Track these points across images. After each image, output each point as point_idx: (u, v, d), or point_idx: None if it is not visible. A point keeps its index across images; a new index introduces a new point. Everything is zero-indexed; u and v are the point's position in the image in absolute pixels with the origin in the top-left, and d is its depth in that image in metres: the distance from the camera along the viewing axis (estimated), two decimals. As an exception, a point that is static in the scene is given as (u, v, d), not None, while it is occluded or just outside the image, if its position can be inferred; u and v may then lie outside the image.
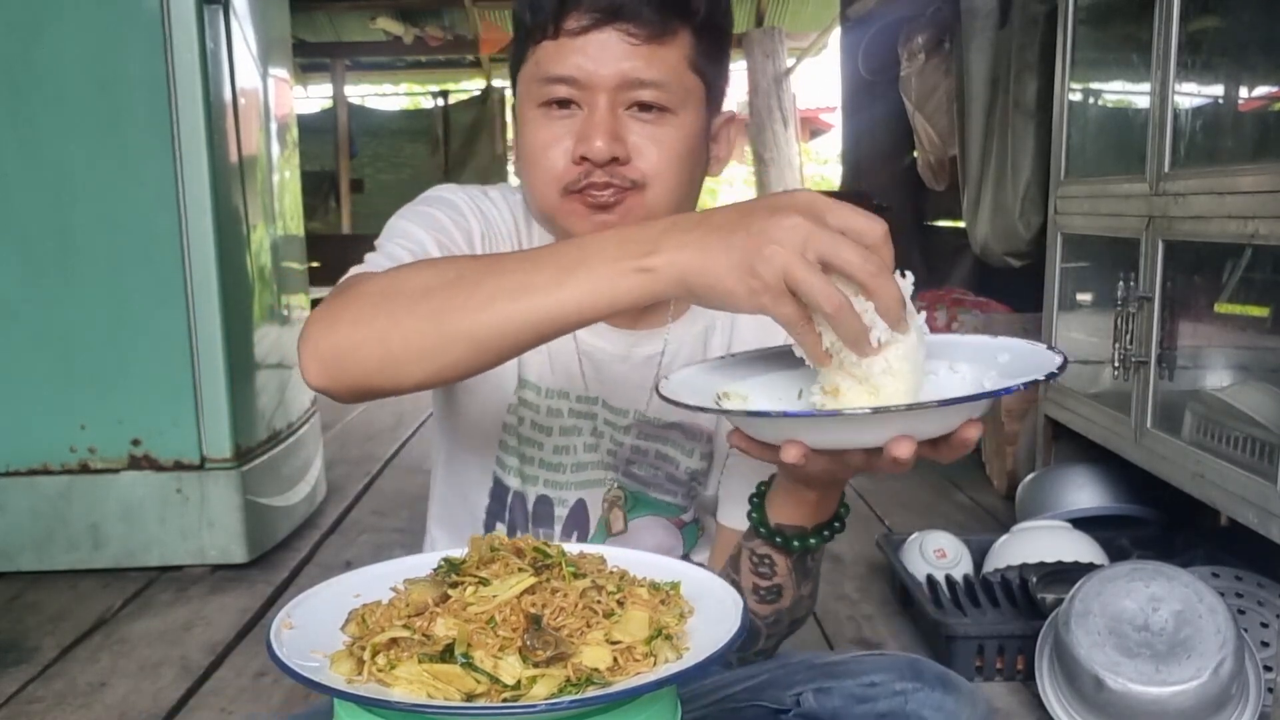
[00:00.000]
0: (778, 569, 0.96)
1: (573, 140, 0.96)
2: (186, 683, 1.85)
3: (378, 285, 0.82)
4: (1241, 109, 2.13)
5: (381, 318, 0.79)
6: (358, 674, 0.65)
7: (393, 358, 0.79)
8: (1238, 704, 1.56)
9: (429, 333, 0.78)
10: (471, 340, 0.77)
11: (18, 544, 2.34)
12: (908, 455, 0.71)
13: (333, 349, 0.81)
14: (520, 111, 1.01)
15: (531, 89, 0.98)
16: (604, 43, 0.93)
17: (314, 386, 0.83)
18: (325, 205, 8.33)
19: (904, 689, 1.00)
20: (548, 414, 1.10)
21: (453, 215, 1.04)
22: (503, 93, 9.73)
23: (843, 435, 0.73)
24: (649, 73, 0.94)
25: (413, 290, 0.80)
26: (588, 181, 0.96)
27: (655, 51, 0.94)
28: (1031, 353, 0.79)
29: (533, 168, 0.99)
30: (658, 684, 0.63)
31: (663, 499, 1.13)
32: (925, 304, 3.54)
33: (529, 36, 0.97)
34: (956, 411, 0.72)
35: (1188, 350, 2.06)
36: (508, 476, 1.12)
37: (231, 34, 2.36)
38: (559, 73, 0.95)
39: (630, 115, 0.96)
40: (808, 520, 0.92)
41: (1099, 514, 2.36)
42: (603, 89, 0.94)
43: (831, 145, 11.74)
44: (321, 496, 2.92)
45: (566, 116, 0.96)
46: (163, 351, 2.31)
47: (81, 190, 2.26)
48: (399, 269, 0.84)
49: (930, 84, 4.17)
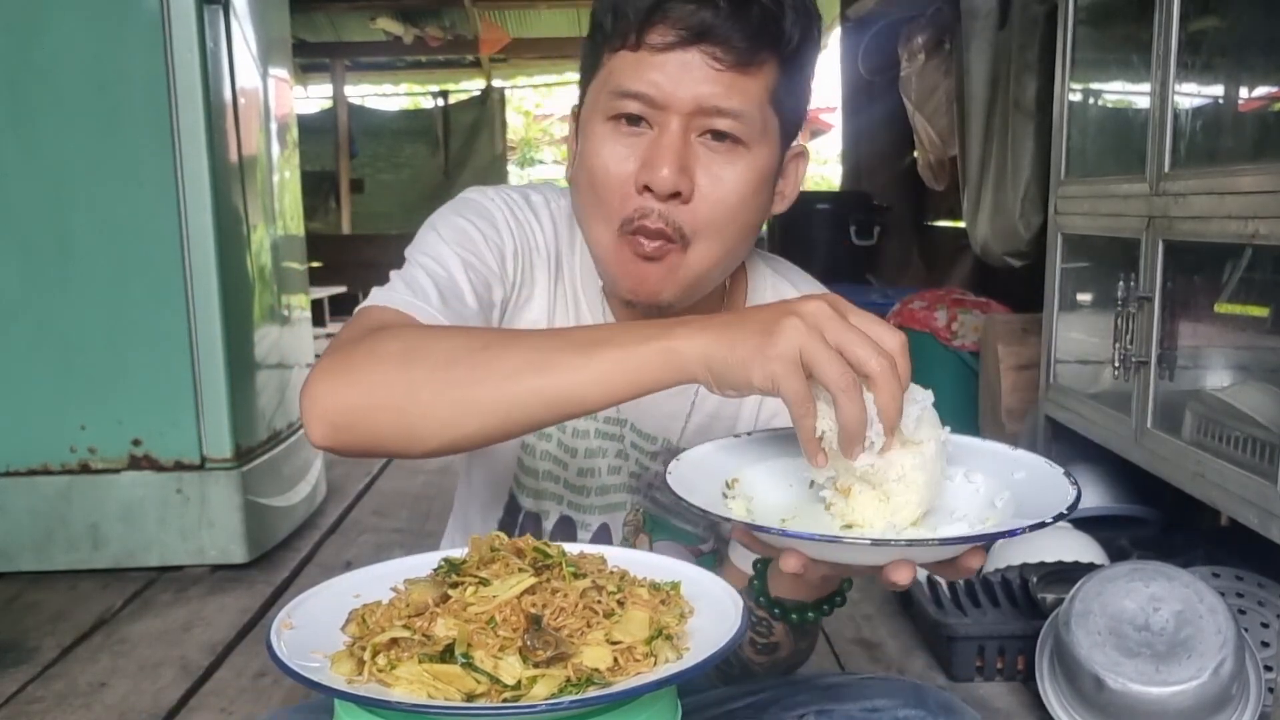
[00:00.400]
0: (775, 631, 0.95)
1: (637, 163, 0.89)
2: (186, 683, 1.85)
3: (397, 346, 0.80)
4: (1241, 109, 2.13)
5: (400, 383, 0.77)
6: (358, 674, 0.65)
7: (408, 425, 0.77)
8: (1238, 704, 1.56)
9: (450, 403, 0.76)
10: (493, 414, 0.76)
11: (18, 544, 2.34)
12: (906, 580, 0.71)
13: (344, 411, 0.78)
14: (586, 123, 0.94)
15: (601, 100, 0.91)
16: (686, 63, 0.87)
17: (319, 446, 0.80)
18: (325, 205, 8.32)
19: (907, 716, 0.99)
20: (573, 435, 1.07)
21: (487, 230, 0.99)
22: (503, 93, 9.74)
23: (841, 557, 0.73)
24: (728, 101, 0.88)
25: (435, 357, 0.78)
26: (641, 223, 0.90)
27: (737, 80, 0.88)
28: (1047, 477, 0.77)
29: (592, 191, 0.92)
30: (658, 684, 0.63)
31: (684, 527, 1.12)
32: (926, 303, 3.54)
33: (606, 43, 0.91)
34: (958, 548, 0.72)
35: (1188, 350, 2.06)
36: (522, 496, 1.11)
37: (231, 34, 2.36)
38: (633, 88, 0.88)
39: (701, 143, 0.89)
40: (808, 597, 0.90)
41: (1099, 514, 2.36)
42: (677, 112, 0.88)
43: (831, 145, 11.73)
44: (321, 496, 2.92)
45: (635, 135, 0.90)
46: (163, 351, 2.31)
47: (81, 190, 2.26)
48: (422, 331, 0.82)
49: (930, 84, 4.16)
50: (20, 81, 2.22)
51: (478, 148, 9.22)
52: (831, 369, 0.68)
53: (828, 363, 0.68)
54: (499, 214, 1.00)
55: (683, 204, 0.89)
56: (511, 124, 12.27)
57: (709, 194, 0.90)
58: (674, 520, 1.12)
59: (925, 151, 4.40)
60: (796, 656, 1.02)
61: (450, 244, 0.95)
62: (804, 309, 0.70)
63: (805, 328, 0.69)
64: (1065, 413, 2.53)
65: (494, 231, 0.99)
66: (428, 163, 9.14)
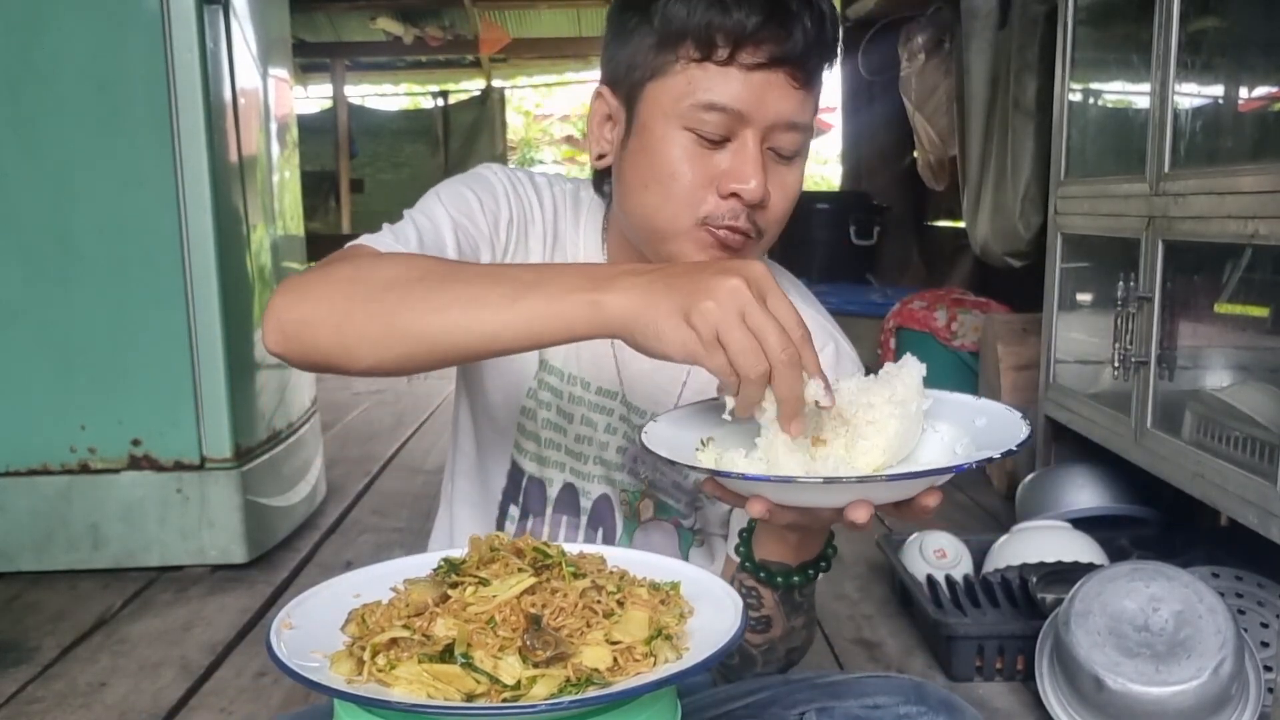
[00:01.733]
0: (765, 602, 0.97)
1: (716, 171, 0.94)
2: (186, 683, 1.86)
3: (348, 270, 0.86)
4: (1241, 109, 2.13)
5: (341, 302, 0.83)
6: (358, 674, 0.65)
7: (344, 342, 0.83)
8: (1238, 704, 1.56)
9: (380, 327, 0.82)
10: (419, 340, 0.81)
11: (18, 544, 2.34)
12: (863, 519, 0.75)
13: (294, 322, 0.85)
14: (653, 125, 0.96)
15: (682, 108, 0.94)
16: (771, 82, 0.93)
17: (272, 352, 0.86)
18: (325, 205, 8.32)
19: (908, 713, 1.00)
20: (569, 400, 1.10)
21: (485, 198, 1.04)
22: (503, 93, 9.73)
23: (801, 498, 0.78)
24: (800, 117, 0.95)
25: (376, 281, 0.84)
26: (730, 223, 0.95)
27: (807, 97, 0.96)
28: (1006, 421, 0.82)
29: (669, 190, 0.96)
30: (658, 684, 0.63)
31: (667, 500, 1.14)
32: (926, 303, 3.54)
33: (680, 47, 0.93)
34: (910, 485, 0.76)
35: (1188, 350, 2.06)
36: (524, 460, 1.12)
37: (231, 34, 2.36)
38: (723, 102, 0.92)
39: (769, 152, 0.96)
40: (792, 558, 0.94)
41: (1099, 514, 2.36)
42: (759, 125, 0.94)
43: (831, 145, 11.72)
44: (321, 496, 2.92)
45: (714, 149, 0.95)
46: (163, 351, 2.31)
47: (81, 190, 2.26)
48: (373, 259, 0.88)
49: (930, 84, 4.17)
50: (20, 81, 2.22)
51: (478, 148, 9.22)
52: (746, 359, 0.72)
53: (742, 353, 0.72)
54: (500, 186, 1.06)
55: (761, 209, 0.96)
56: (511, 124, 12.27)
57: (778, 199, 0.97)
58: (659, 494, 1.13)
59: (925, 151, 4.40)
60: (791, 639, 1.02)
61: (446, 205, 1.02)
62: (724, 287, 0.73)
63: (721, 310, 0.72)
64: (1065, 413, 2.53)
65: (491, 200, 1.04)
66: (428, 163, 9.13)
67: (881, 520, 2.74)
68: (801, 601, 1.00)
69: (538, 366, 1.10)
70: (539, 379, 1.10)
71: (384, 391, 4.78)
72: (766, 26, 0.90)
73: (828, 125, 11.41)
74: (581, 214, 1.10)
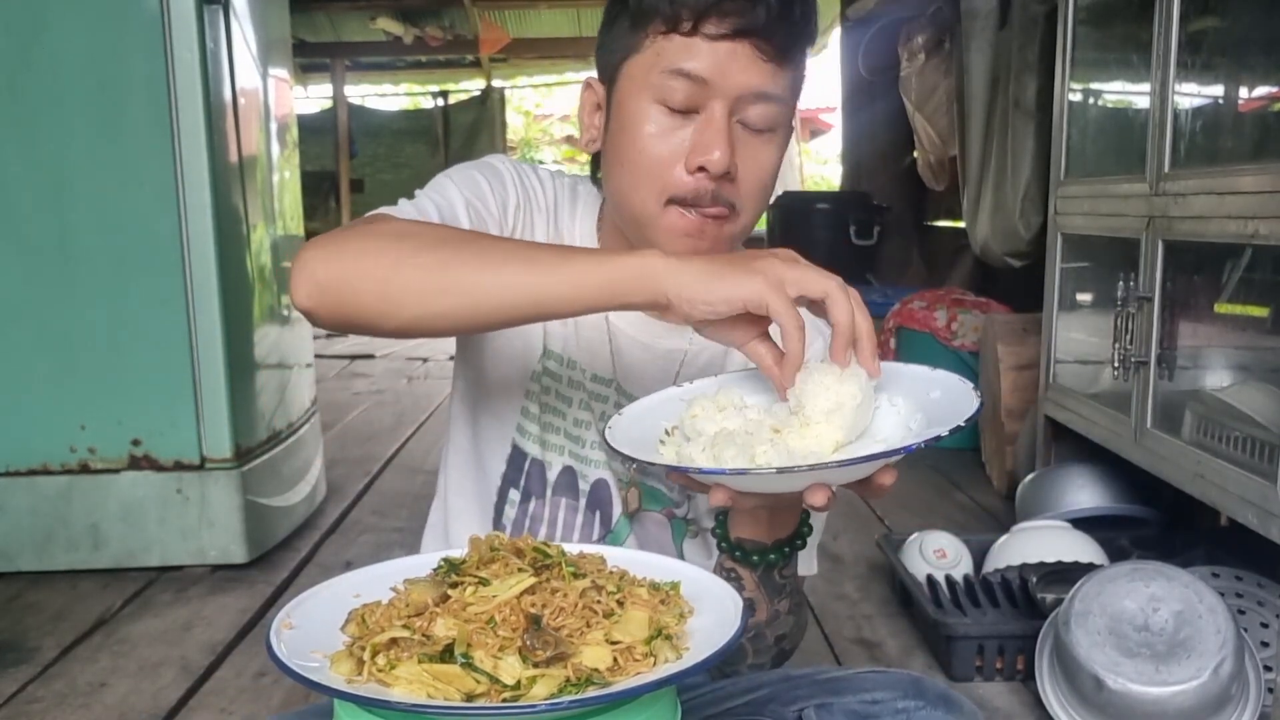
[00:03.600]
0: (745, 584, 0.98)
1: (683, 142, 0.96)
2: (186, 683, 1.85)
3: (395, 227, 0.86)
4: (1241, 109, 2.13)
5: (389, 255, 0.83)
6: (358, 674, 0.65)
7: (388, 295, 0.82)
8: (1238, 704, 1.56)
9: (431, 279, 0.82)
10: (468, 295, 0.82)
11: (18, 544, 2.34)
12: (822, 502, 0.77)
13: (333, 276, 0.83)
14: (627, 99, 0.99)
15: (652, 78, 0.96)
16: (736, 52, 0.94)
17: (301, 308, 0.85)
18: (325, 205, 8.33)
19: (906, 707, 1.01)
20: (568, 384, 1.11)
21: (494, 183, 1.06)
22: (503, 93, 9.74)
23: (756, 486, 0.80)
24: (771, 88, 0.96)
25: (428, 237, 0.85)
26: (696, 203, 0.96)
27: (778, 71, 0.96)
28: (959, 394, 0.83)
29: (638, 165, 0.98)
30: (658, 684, 0.63)
31: (658, 488, 1.14)
32: (926, 303, 3.54)
33: (651, 25, 0.96)
34: (861, 469, 0.78)
35: (1188, 350, 2.06)
36: (527, 443, 1.13)
37: (231, 34, 2.36)
38: (689, 68, 0.94)
39: (739, 126, 0.97)
40: (766, 536, 0.95)
41: (1099, 514, 2.36)
42: (726, 96, 0.95)
43: (831, 145, 11.74)
44: (321, 496, 2.92)
45: (681, 115, 0.96)
46: (163, 351, 2.31)
47: (81, 190, 2.26)
48: (415, 222, 0.89)
49: (930, 84, 4.17)
50: (20, 81, 2.22)
51: (478, 148, 9.23)
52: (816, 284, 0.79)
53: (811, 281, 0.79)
54: (507, 173, 1.08)
55: (729, 181, 0.97)
56: (511, 124, 12.28)
57: (749, 173, 0.98)
58: (650, 481, 1.13)
59: (925, 151, 4.40)
60: (778, 625, 1.03)
61: (458, 185, 1.03)
62: (778, 250, 0.82)
63: (784, 262, 0.80)
64: (1065, 413, 2.53)
65: (500, 185, 1.07)
66: (428, 163, 9.14)
67: (881, 520, 2.74)
68: (783, 584, 1.00)
69: (541, 351, 1.10)
70: (543, 364, 1.11)
71: (384, 392, 4.78)
72: None
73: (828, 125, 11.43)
74: (578, 208, 1.12)
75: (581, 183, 1.15)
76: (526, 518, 1.13)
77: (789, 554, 0.97)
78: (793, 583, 1.02)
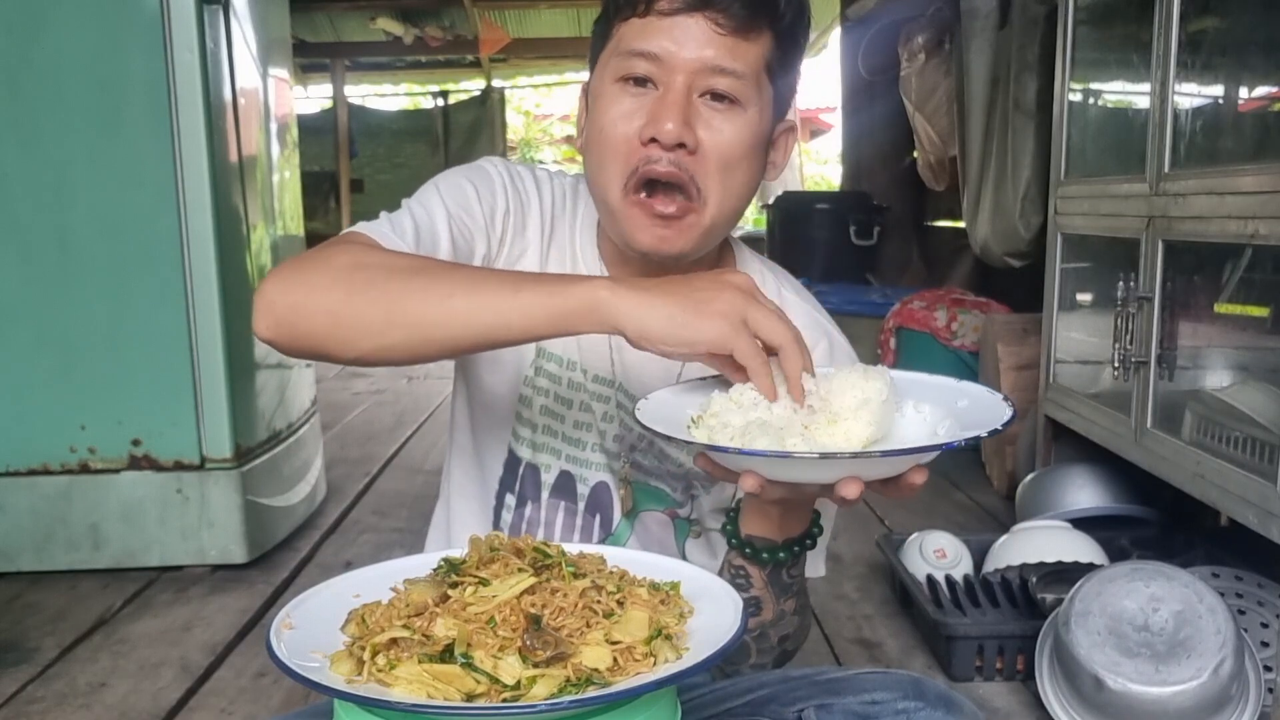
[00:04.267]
0: (753, 581, 0.99)
1: (644, 119, 0.96)
2: (186, 683, 1.85)
3: (348, 258, 0.87)
4: (1241, 109, 2.13)
5: (341, 288, 0.85)
6: (358, 674, 0.65)
7: (341, 329, 0.85)
8: (1238, 704, 1.56)
9: (381, 312, 0.84)
10: (418, 327, 0.83)
11: (18, 544, 2.34)
12: (854, 495, 0.78)
13: (287, 307, 0.86)
14: (596, 88, 1.01)
15: (612, 62, 0.99)
16: (690, 27, 0.95)
17: (262, 338, 0.87)
18: (325, 205, 8.32)
19: (906, 708, 1.01)
20: (569, 387, 1.11)
21: (483, 190, 1.06)
22: (503, 93, 9.73)
23: (793, 473, 0.80)
24: (729, 62, 0.96)
25: (378, 269, 0.86)
26: (649, 169, 0.96)
27: (738, 44, 0.96)
28: (988, 402, 0.85)
29: (603, 147, 0.99)
30: (658, 684, 0.63)
31: (662, 488, 1.14)
32: (926, 303, 3.54)
33: (617, 13, 0.99)
34: (901, 461, 0.79)
35: (1188, 350, 2.06)
36: (520, 448, 1.13)
37: (231, 34, 2.36)
38: (642, 48, 0.96)
39: (703, 102, 0.97)
40: (777, 534, 0.96)
41: (1099, 514, 2.36)
42: (682, 71, 0.95)
43: (831, 145, 11.74)
44: (321, 496, 2.92)
45: (642, 94, 0.97)
46: (163, 351, 2.31)
47: (81, 190, 2.26)
48: (373, 250, 0.89)
49: (930, 84, 4.17)
50: (20, 81, 2.22)
51: (478, 148, 9.21)
52: (777, 331, 0.81)
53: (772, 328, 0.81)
54: (498, 179, 1.08)
55: (688, 155, 0.96)
56: (511, 124, 12.28)
57: (712, 146, 0.97)
58: (653, 481, 1.13)
59: (925, 151, 4.40)
60: (783, 625, 1.03)
61: (444, 196, 1.04)
62: (731, 284, 0.82)
63: (745, 297, 0.81)
64: (1065, 413, 2.53)
65: (489, 192, 1.06)
66: (428, 163, 9.13)
67: (881, 520, 2.74)
68: (790, 583, 1.01)
69: (535, 354, 1.11)
70: (536, 366, 1.11)
71: (384, 392, 4.78)
72: None
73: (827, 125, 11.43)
74: (579, 209, 1.12)
75: (583, 183, 1.14)
76: (523, 522, 1.14)
77: (798, 553, 0.98)
78: (799, 583, 1.02)
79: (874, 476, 0.79)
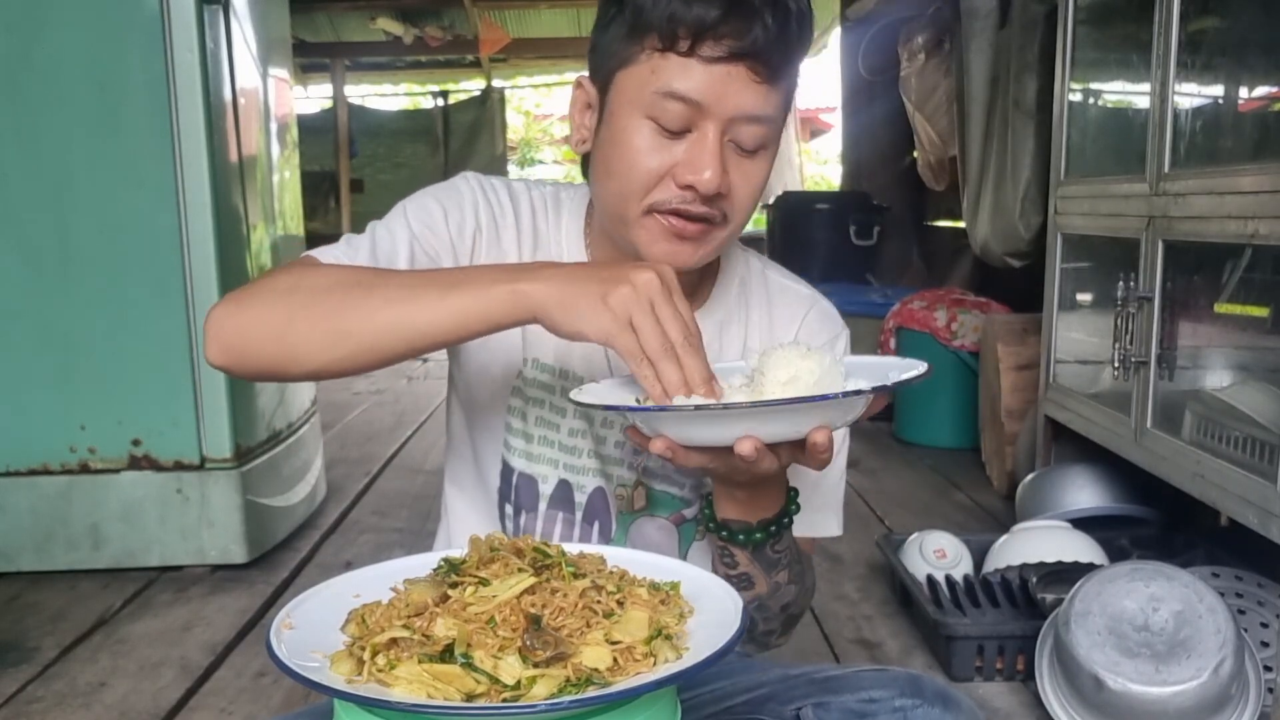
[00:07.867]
0: (738, 560, 1.00)
1: (672, 158, 0.96)
2: (186, 683, 1.86)
3: (287, 281, 0.91)
4: (1241, 109, 2.13)
5: (281, 310, 0.88)
6: (358, 674, 0.65)
7: (287, 349, 0.88)
8: (1238, 704, 1.56)
9: (322, 332, 0.87)
10: (359, 340, 0.86)
11: (18, 544, 2.34)
12: (749, 452, 0.79)
13: (234, 333, 0.90)
14: (618, 113, 0.98)
15: (645, 96, 0.95)
16: (732, 75, 0.93)
17: (214, 365, 0.91)
18: (325, 205, 8.31)
19: (904, 705, 1.01)
20: (563, 395, 1.11)
21: (451, 208, 1.07)
22: (503, 93, 9.73)
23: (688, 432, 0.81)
24: (763, 109, 0.96)
25: (314, 289, 0.89)
26: (680, 206, 0.96)
27: (770, 91, 0.96)
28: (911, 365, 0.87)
29: (627, 179, 0.98)
30: (658, 684, 0.63)
31: (669, 490, 1.14)
32: (926, 303, 3.54)
33: (646, 39, 0.95)
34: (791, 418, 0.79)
35: (1188, 350, 2.06)
36: (513, 458, 1.13)
37: (231, 34, 2.36)
38: (684, 91, 0.94)
39: (731, 145, 0.97)
40: (749, 516, 0.97)
41: (1099, 514, 2.36)
42: (719, 118, 0.94)
43: (831, 145, 11.73)
44: (321, 496, 2.92)
45: (674, 140, 0.96)
46: (163, 351, 2.31)
47: (81, 190, 2.26)
48: (311, 270, 0.92)
49: (930, 84, 4.17)
50: (20, 81, 2.22)
51: (478, 148, 9.22)
52: (653, 340, 0.81)
53: (651, 336, 0.81)
54: (469, 196, 1.09)
55: (720, 198, 0.98)
56: (511, 124, 12.27)
57: (740, 189, 0.99)
58: (659, 485, 1.13)
59: (925, 151, 4.40)
60: (781, 595, 1.04)
61: (409, 217, 1.05)
62: (639, 278, 0.82)
63: (636, 297, 0.81)
64: (1065, 413, 2.53)
65: (457, 210, 1.07)
66: (428, 163, 9.13)
67: (881, 520, 2.74)
68: (777, 558, 1.01)
69: (522, 364, 1.10)
70: (525, 377, 1.11)
71: (384, 392, 4.78)
72: (727, 21, 0.91)
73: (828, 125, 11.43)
74: (563, 213, 1.12)
75: (565, 190, 1.15)
76: (520, 533, 1.14)
77: (775, 533, 0.98)
78: (790, 553, 1.02)
79: (775, 436, 0.80)
